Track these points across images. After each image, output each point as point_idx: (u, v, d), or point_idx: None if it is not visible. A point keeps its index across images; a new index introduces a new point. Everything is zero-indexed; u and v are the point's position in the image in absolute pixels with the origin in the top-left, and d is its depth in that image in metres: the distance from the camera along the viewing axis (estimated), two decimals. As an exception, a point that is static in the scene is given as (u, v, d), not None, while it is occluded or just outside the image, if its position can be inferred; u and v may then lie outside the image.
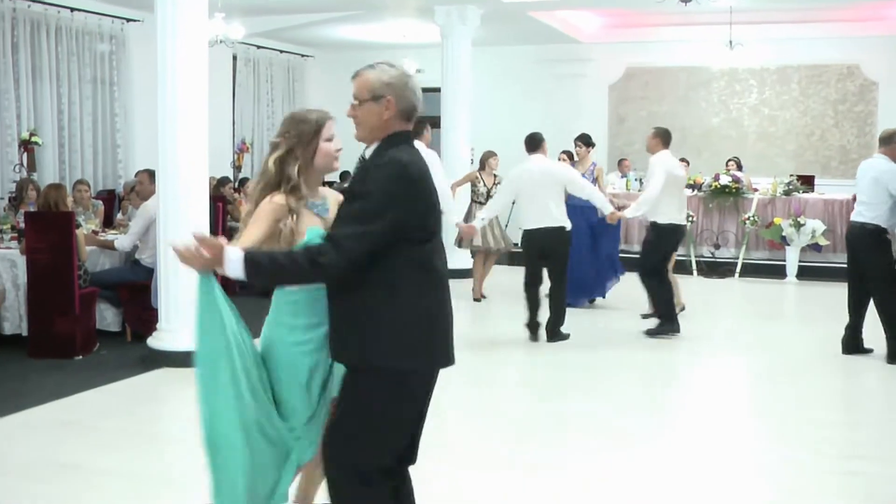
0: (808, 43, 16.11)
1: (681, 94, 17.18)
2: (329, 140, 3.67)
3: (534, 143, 9.10)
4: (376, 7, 13.61)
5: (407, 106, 3.34)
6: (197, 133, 7.88)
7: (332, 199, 3.78)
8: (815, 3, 14.55)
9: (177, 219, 7.82)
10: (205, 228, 7.92)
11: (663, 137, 9.31)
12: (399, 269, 3.24)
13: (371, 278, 3.23)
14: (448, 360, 3.39)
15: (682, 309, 9.91)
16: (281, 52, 17.23)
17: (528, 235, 8.90)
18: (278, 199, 3.57)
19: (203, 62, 7.93)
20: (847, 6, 14.99)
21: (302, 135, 3.64)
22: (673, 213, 9.16)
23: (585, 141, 11.52)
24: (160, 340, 7.93)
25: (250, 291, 7.39)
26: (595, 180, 10.89)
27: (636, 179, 15.10)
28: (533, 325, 8.91)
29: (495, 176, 11.33)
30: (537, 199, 8.71)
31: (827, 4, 14.67)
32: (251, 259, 3.19)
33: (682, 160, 15.40)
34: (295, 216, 3.56)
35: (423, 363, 3.33)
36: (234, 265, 3.17)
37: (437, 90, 13.97)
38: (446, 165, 11.60)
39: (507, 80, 17.24)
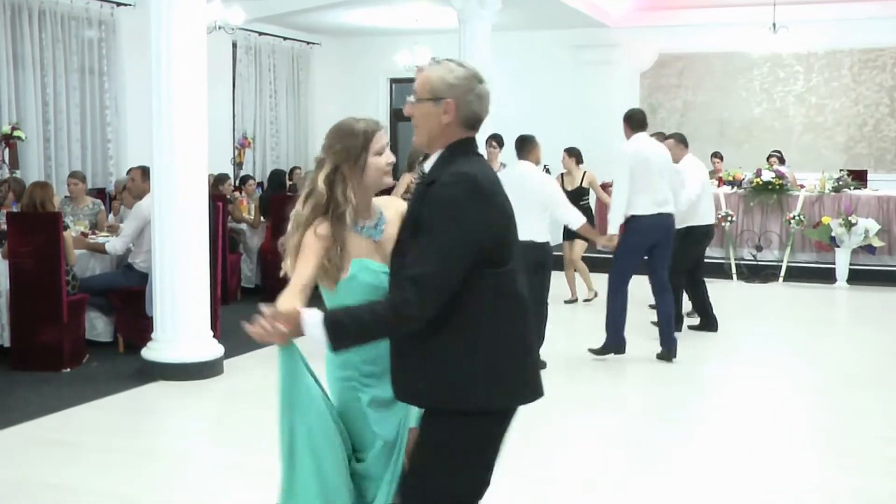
0: (860, 24, 15.82)
1: (718, 82, 17.07)
2: (379, 154, 3.37)
3: (522, 147, 8.49)
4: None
5: (468, 114, 3.14)
6: (195, 127, 7.87)
7: (392, 213, 3.50)
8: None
9: (173, 219, 7.84)
10: (204, 230, 7.96)
11: (685, 142, 9.91)
12: (476, 297, 3.07)
13: (445, 309, 3.02)
14: (537, 392, 3.25)
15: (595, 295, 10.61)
16: (284, 38, 17.21)
17: None
18: (322, 229, 3.33)
19: (201, 50, 7.92)
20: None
21: (349, 150, 3.35)
22: (707, 214, 9.72)
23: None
24: (155, 351, 7.92)
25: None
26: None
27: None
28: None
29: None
30: (517, 210, 8.50)
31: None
32: (332, 322, 3.00)
33: (715, 155, 15.39)
34: (339, 248, 3.31)
35: (512, 399, 3.20)
36: (314, 330, 3.00)
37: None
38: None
39: (529, 68, 17.18)
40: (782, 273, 13.70)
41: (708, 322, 9.93)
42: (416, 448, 3.25)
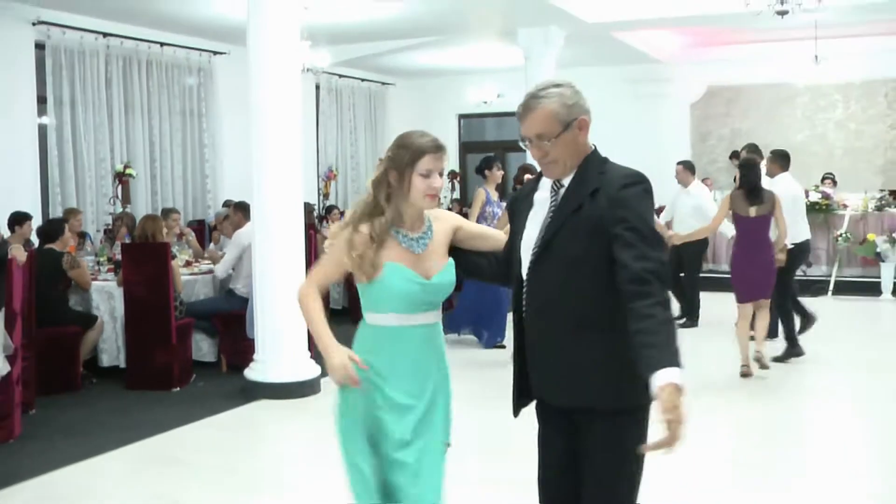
0: (893, 55, 15.41)
1: (764, 110, 16.62)
2: (424, 176, 3.13)
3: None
4: (458, 31, 13.33)
5: (590, 116, 2.97)
6: (290, 161, 7.64)
7: (443, 227, 3.30)
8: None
9: (271, 247, 7.60)
10: (300, 256, 7.71)
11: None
12: None
13: (621, 307, 2.73)
14: None
15: None
16: (362, 80, 17.01)
17: None
18: (363, 228, 3.16)
19: (295, 90, 7.71)
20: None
21: (397, 160, 3.17)
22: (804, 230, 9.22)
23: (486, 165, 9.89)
24: (258, 372, 7.67)
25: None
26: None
27: (715, 199, 14.53)
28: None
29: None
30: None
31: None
32: (676, 358, 2.59)
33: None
34: (376, 248, 3.14)
35: None
36: (678, 376, 2.56)
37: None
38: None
39: (590, 102, 16.77)
40: (831, 287, 13.18)
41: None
42: (603, 456, 2.87)
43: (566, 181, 2.94)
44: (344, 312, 11.53)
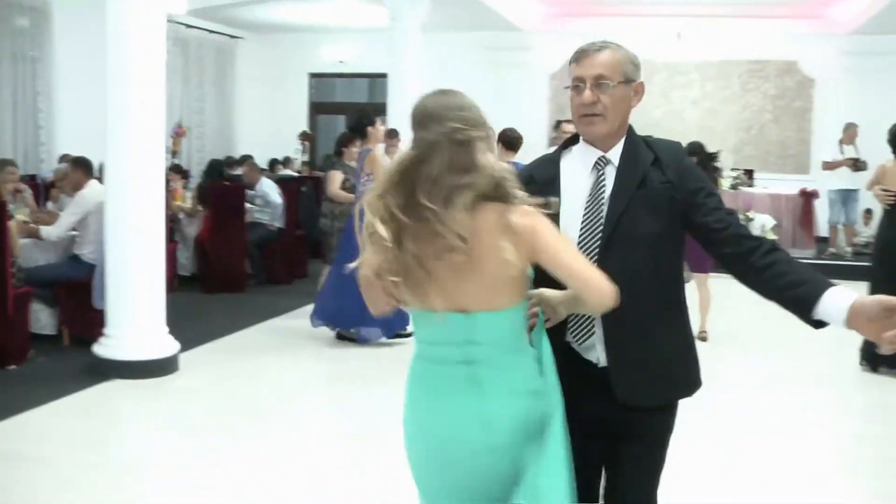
0: (748, 38, 15.70)
1: (623, 85, 16.58)
2: None
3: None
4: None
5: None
6: (152, 115, 6.86)
7: None
8: (758, -1, 14.12)
9: (126, 209, 6.80)
10: (160, 220, 6.98)
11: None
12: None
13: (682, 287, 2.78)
14: None
15: None
16: (211, 31, 15.99)
17: None
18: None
19: (160, 35, 6.90)
20: (787, 2, 14.61)
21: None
22: None
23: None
24: (108, 348, 6.85)
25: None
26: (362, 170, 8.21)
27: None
28: None
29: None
30: None
31: (768, 0, 14.24)
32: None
33: None
34: None
35: None
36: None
37: (384, 76, 13.10)
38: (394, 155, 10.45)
39: (454, 68, 16.27)
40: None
41: None
42: (652, 451, 2.75)
43: (613, 156, 2.68)
44: (192, 280, 10.72)
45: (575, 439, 2.54)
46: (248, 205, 10.99)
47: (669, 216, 2.60)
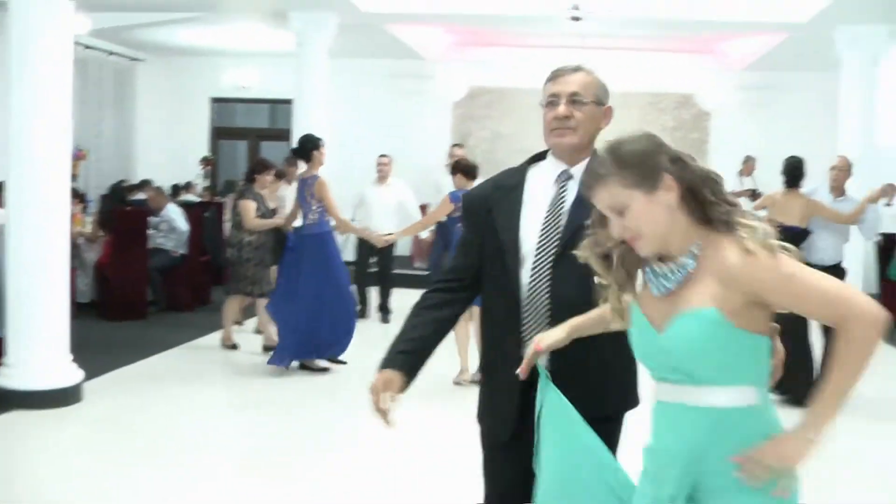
0: (647, 71, 16.06)
1: (524, 114, 16.75)
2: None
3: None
4: (225, 8, 12.52)
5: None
6: (58, 138, 6.73)
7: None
8: (658, 32, 14.48)
9: (28, 234, 6.63)
10: (64, 246, 6.82)
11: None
12: None
13: None
14: None
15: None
16: (110, 53, 15.67)
17: None
18: None
19: (68, 53, 6.80)
20: (684, 37, 15.08)
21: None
22: None
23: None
24: (9, 378, 6.64)
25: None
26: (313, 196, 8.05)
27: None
28: None
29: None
30: None
31: (667, 34, 14.66)
32: None
33: None
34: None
35: None
36: None
37: (287, 101, 13.05)
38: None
39: (360, 95, 16.34)
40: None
41: None
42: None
43: (576, 172, 2.81)
44: (91, 306, 10.47)
45: (522, 456, 2.64)
46: (150, 231, 10.80)
47: None
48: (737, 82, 16.03)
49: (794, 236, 7.59)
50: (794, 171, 7.78)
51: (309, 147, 8.06)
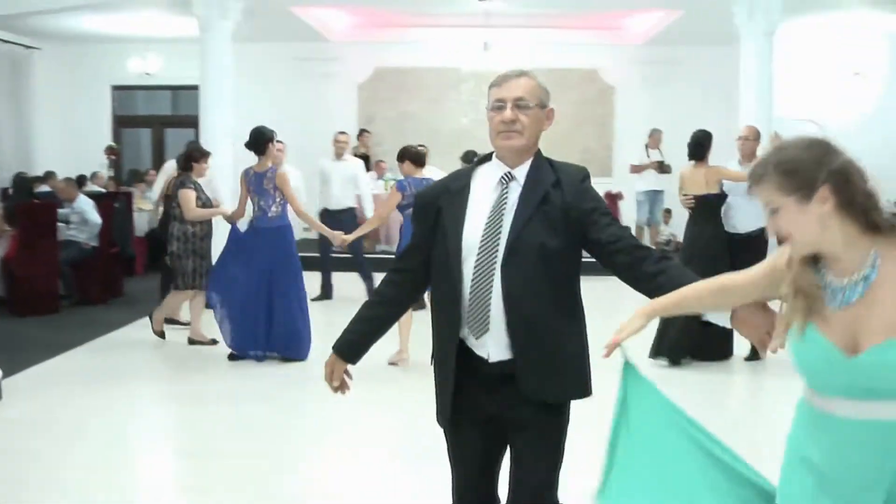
0: (552, 48, 16.22)
1: (430, 95, 16.83)
2: None
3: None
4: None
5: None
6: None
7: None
8: (562, 10, 14.69)
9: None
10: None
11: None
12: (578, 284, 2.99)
13: (578, 297, 2.98)
14: None
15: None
16: (4, 42, 15.22)
17: None
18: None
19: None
20: (588, 14, 15.30)
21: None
22: None
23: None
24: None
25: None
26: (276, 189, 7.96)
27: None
28: None
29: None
30: None
31: (571, 11, 14.88)
32: None
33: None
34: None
35: None
36: None
37: (192, 88, 12.87)
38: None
39: (266, 78, 16.19)
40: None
41: None
42: (550, 442, 2.94)
43: (518, 173, 2.94)
44: (0, 303, 10.21)
45: (473, 437, 2.90)
46: (60, 223, 10.58)
47: (566, 233, 2.86)
48: (639, 57, 16.39)
49: (710, 203, 7.80)
50: (697, 144, 7.99)
51: (263, 140, 7.90)
